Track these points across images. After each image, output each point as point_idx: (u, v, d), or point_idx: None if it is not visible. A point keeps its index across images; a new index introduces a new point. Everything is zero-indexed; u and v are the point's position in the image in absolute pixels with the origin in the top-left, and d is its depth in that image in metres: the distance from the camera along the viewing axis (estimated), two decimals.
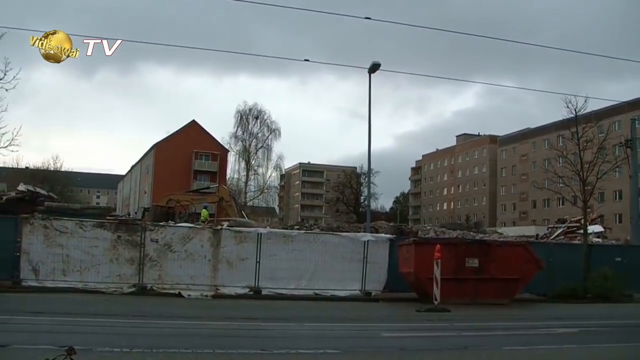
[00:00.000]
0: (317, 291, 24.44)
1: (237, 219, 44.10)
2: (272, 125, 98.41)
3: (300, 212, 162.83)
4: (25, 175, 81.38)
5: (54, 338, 12.23)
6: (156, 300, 21.70)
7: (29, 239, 22.54)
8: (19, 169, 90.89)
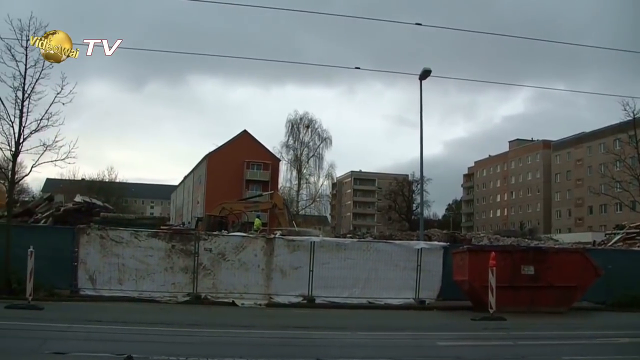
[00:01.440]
0: (371, 299, 24.33)
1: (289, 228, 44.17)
2: (323, 133, 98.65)
3: (352, 221, 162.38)
4: (82, 186, 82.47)
5: (112, 346, 12.39)
6: (210, 309, 21.84)
7: (86, 249, 22.90)
8: (75, 181, 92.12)
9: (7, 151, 22.00)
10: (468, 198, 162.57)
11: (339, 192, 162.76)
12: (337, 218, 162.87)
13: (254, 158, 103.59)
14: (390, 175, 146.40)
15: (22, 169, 26.14)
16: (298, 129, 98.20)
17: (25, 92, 21.54)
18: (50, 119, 21.70)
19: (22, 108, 21.56)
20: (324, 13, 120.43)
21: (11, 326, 14.76)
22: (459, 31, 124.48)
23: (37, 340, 12.72)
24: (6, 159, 23.96)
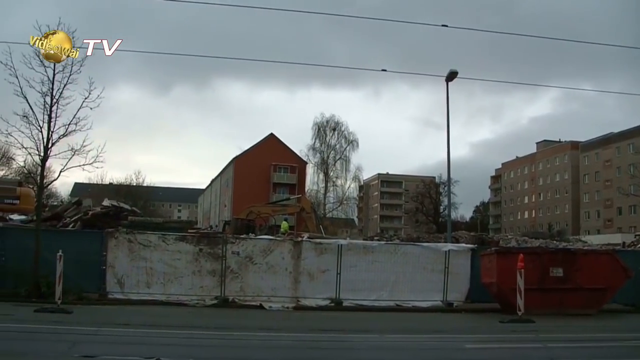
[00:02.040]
0: (398, 302, 24.25)
1: (315, 234, 44.19)
2: (349, 136, 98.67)
3: (379, 223, 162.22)
4: (110, 190, 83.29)
5: (140, 350, 12.46)
6: (238, 312, 21.90)
7: (114, 253, 23.04)
8: (103, 185, 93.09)
9: (36, 156, 22.18)
10: (495, 200, 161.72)
11: (366, 195, 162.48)
12: (364, 221, 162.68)
13: (280, 161, 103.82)
14: (417, 177, 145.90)
15: (51, 174, 26.41)
16: (325, 131, 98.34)
17: (53, 98, 21.70)
18: (78, 124, 21.86)
19: (50, 113, 21.71)
20: (348, 15, 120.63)
21: (41, 329, 14.86)
22: (484, 32, 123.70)
23: (66, 343, 12.82)
24: (35, 164, 24.20)
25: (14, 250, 22.29)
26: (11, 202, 34.76)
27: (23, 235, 23.37)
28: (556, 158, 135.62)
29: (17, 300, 20.32)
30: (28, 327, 15.20)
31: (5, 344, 12.73)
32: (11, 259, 22.09)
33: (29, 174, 31.85)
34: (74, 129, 21.87)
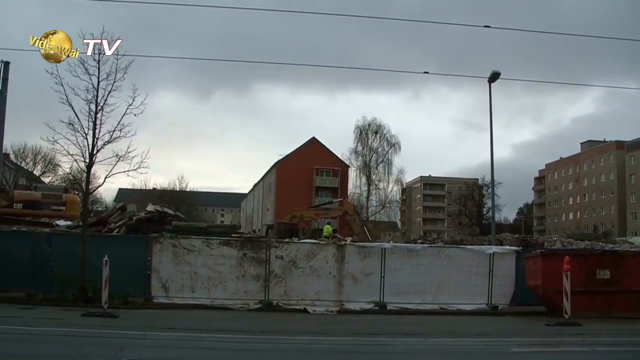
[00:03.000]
0: (443, 305, 24.11)
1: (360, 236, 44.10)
2: (391, 139, 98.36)
3: (422, 226, 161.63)
4: (153, 195, 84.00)
5: (186, 354, 12.54)
6: (282, 316, 21.91)
7: (159, 258, 23.24)
8: (147, 190, 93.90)
9: (82, 163, 22.43)
10: (539, 201, 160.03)
11: (408, 198, 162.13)
12: (407, 224, 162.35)
13: (323, 165, 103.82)
14: (459, 179, 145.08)
15: (96, 180, 26.66)
16: (366, 135, 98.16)
17: (98, 105, 21.94)
18: (122, 130, 22.08)
19: (95, 120, 21.95)
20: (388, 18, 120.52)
21: (88, 333, 15.03)
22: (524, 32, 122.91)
23: (113, 347, 12.91)
24: (80, 170, 24.42)
25: (61, 255, 22.60)
26: (57, 208, 35.29)
27: (69, 241, 23.73)
28: (601, 158, 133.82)
29: (65, 304, 20.60)
30: (76, 331, 15.37)
31: (54, 347, 12.88)
32: (58, 264, 22.39)
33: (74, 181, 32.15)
34: (119, 136, 22.11)
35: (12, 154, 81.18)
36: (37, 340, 13.96)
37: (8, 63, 25.66)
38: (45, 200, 35.74)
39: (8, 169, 67.48)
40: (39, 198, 35.90)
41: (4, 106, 25.76)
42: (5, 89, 25.58)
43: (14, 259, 22.30)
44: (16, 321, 16.63)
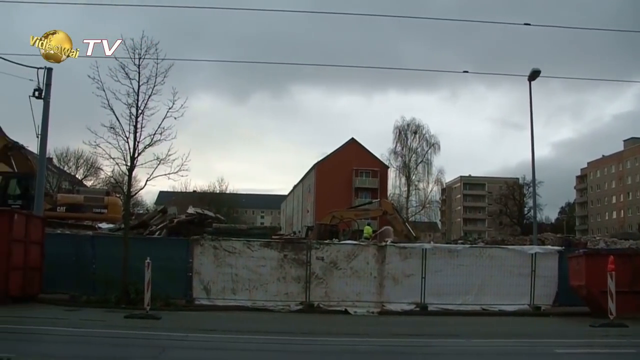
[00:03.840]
0: (485, 306, 23.95)
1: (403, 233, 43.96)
2: (430, 139, 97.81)
3: (462, 226, 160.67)
4: (194, 198, 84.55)
5: (227, 355, 12.62)
6: (323, 317, 21.92)
7: (200, 260, 23.40)
8: (187, 193, 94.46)
9: (123, 166, 22.65)
10: (582, 200, 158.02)
11: (448, 198, 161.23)
12: (447, 224, 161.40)
13: (362, 166, 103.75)
14: (500, 179, 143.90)
15: (137, 183, 26.87)
16: (406, 135, 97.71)
17: (138, 109, 22.16)
18: (162, 134, 22.26)
19: (136, 124, 22.17)
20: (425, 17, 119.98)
21: (131, 335, 15.16)
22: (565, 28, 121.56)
23: (156, 349, 13.02)
24: (122, 174, 24.65)
25: (104, 257, 22.89)
26: (99, 211, 35.75)
27: (112, 243, 24.01)
28: None
29: (107, 306, 20.81)
30: (119, 332, 15.52)
31: (98, 349, 13.01)
32: (101, 266, 22.67)
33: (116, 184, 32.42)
34: (159, 139, 22.32)
35: (55, 158, 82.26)
36: (81, 341, 14.11)
37: (51, 69, 25.95)
38: (88, 203, 36.22)
39: (51, 173, 68.34)
40: (82, 201, 36.39)
41: (47, 111, 26.07)
42: (48, 94, 25.89)
43: (59, 261, 22.60)
44: (61, 322, 16.84)
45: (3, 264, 20.04)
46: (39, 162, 27.84)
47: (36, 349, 12.62)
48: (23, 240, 21.23)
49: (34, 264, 21.85)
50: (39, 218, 23.86)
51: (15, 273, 20.57)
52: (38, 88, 25.61)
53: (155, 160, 22.37)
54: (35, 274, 22.03)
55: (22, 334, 14.78)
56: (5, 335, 14.13)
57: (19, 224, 21.13)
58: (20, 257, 20.87)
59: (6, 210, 22.61)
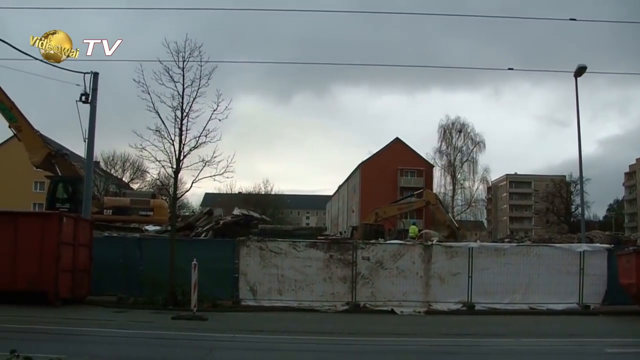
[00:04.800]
0: (532, 305, 23.73)
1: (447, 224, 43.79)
2: (475, 137, 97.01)
3: (509, 225, 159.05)
4: (239, 199, 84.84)
5: (274, 356, 12.66)
6: (369, 317, 21.87)
7: (246, 261, 23.51)
8: (232, 194, 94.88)
9: (169, 168, 22.82)
10: (631, 197, 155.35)
11: (494, 196, 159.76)
12: (494, 222, 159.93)
13: (407, 165, 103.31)
14: (546, 176, 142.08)
15: (182, 185, 27.04)
16: (451, 134, 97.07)
17: (183, 111, 22.30)
18: (207, 136, 22.37)
19: (181, 126, 22.32)
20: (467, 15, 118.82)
21: (178, 336, 15.27)
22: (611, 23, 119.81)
23: (203, 350, 13.11)
24: (168, 176, 24.87)
25: (151, 259, 23.14)
26: (145, 213, 36.03)
27: (158, 245, 24.22)
28: None
29: (155, 307, 20.99)
30: (167, 333, 15.65)
31: (146, 350, 13.12)
32: (148, 268, 22.95)
33: (162, 186, 32.69)
34: (204, 141, 22.42)
35: (102, 161, 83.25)
36: (130, 342, 14.27)
37: (97, 74, 26.31)
38: (134, 206, 36.53)
39: (98, 177, 69.11)
40: (128, 204, 36.72)
41: (94, 116, 26.41)
42: (95, 98, 26.23)
43: (107, 263, 22.86)
44: (110, 324, 17.05)
45: (52, 266, 20.34)
46: (86, 166, 28.21)
47: (86, 349, 12.75)
48: (72, 243, 21.51)
49: (82, 266, 22.13)
50: (87, 221, 24.15)
51: (64, 275, 20.84)
52: (85, 93, 26.00)
53: (201, 162, 22.48)
54: (84, 276, 22.31)
55: (73, 335, 14.96)
56: (56, 337, 14.34)
57: (67, 226, 21.41)
58: (69, 260, 21.14)
59: (55, 214, 22.95)
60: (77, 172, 31.63)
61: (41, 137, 31.37)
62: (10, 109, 29.05)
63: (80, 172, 31.62)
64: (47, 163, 31.19)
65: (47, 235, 20.63)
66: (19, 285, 20.21)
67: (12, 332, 14.08)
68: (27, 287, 20.24)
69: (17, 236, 20.60)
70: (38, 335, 14.20)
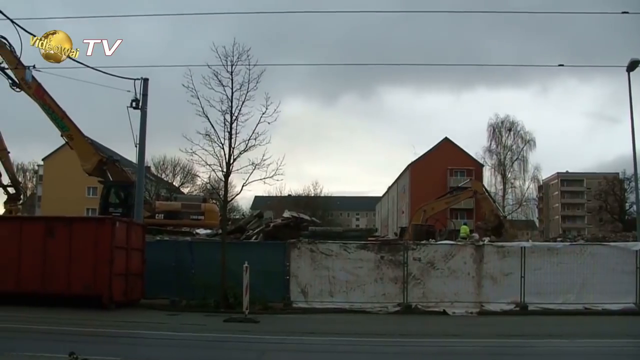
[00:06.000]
0: (587, 305, 23.36)
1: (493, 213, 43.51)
2: (525, 136, 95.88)
3: (561, 224, 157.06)
4: (289, 202, 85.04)
5: (326, 358, 12.64)
6: (421, 318, 21.78)
7: (297, 263, 23.58)
8: (282, 197, 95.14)
9: (219, 172, 22.95)
10: None
11: (545, 195, 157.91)
12: (545, 222, 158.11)
13: (456, 165, 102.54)
14: (598, 174, 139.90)
15: (233, 188, 27.18)
16: (500, 132, 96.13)
17: (232, 115, 22.44)
18: (257, 139, 22.46)
19: (231, 130, 22.47)
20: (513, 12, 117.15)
21: (231, 339, 15.35)
22: None
23: (255, 352, 13.17)
24: (218, 180, 25.03)
25: (202, 263, 23.32)
26: (196, 217, 36.26)
27: (210, 249, 24.47)
28: None
29: (207, 310, 21.14)
30: (219, 336, 15.74)
31: (199, 352, 13.22)
32: (200, 271, 23.09)
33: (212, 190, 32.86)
34: (254, 144, 22.51)
35: (153, 166, 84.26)
36: (183, 345, 14.37)
37: (147, 80, 26.61)
38: (185, 210, 36.80)
39: (149, 181, 69.88)
40: (179, 208, 37.01)
41: (144, 121, 26.69)
42: (145, 104, 26.52)
43: (159, 267, 23.12)
44: (163, 326, 17.23)
45: (106, 270, 20.64)
46: (138, 171, 28.50)
47: (140, 352, 12.89)
48: (125, 247, 21.79)
49: (135, 270, 22.41)
50: (139, 225, 24.41)
51: (118, 279, 21.14)
52: (135, 99, 26.29)
53: (251, 166, 22.60)
54: (137, 280, 22.58)
55: (127, 337, 15.16)
56: (111, 339, 14.54)
57: (120, 231, 21.69)
58: (122, 264, 21.44)
59: (108, 218, 23.20)
60: (129, 178, 31.98)
61: (92, 144, 31.76)
62: (62, 119, 29.45)
63: (132, 177, 31.99)
64: (99, 170, 31.56)
65: (101, 240, 20.96)
66: (74, 289, 20.62)
67: (69, 335, 14.35)
68: (82, 291, 20.62)
69: (71, 241, 20.99)
70: (94, 337, 14.44)
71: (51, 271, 20.87)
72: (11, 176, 32.53)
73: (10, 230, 21.85)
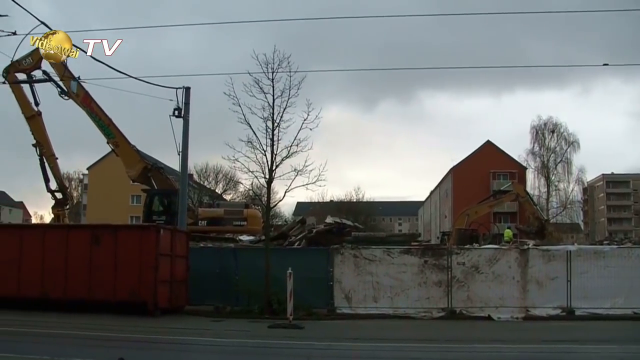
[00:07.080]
0: (636, 310, 22.93)
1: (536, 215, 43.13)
2: (569, 137, 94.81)
3: (607, 226, 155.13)
4: (331, 207, 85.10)
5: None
6: (466, 323, 21.62)
7: (341, 268, 23.54)
8: (324, 203, 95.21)
9: (262, 178, 23.05)
10: None
11: (590, 197, 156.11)
12: (590, 224, 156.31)
13: (499, 168, 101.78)
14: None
15: (275, 194, 27.27)
16: (543, 134, 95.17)
17: (274, 122, 22.53)
18: (299, 145, 22.51)
19: (272, 137, 22.56)
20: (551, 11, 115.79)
21: (276, 345, 15.37)
22: None
23: (300, 358, 13.22)
24: (260, 186, 25.13)
25: (246, 269, 23.42)
26: (239, 224, 36.49)
27: (253, 255, 24.62)
28: None
29: (251, 316, 21.23)
30: (264, 342, 15.79)
31: (244, 358, 13.30)
32: (243, 277, 23.20)
33: (255, 196, 32.99)
34: (296, 150, 22.56)
35: (195, 174, 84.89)
36: (228, 351, 14.44)
37: (189, 88, 26.83)
38: (228, 216, 37.04)
39: (192, 189, 70.39)
40: (222, 215, 37.26)
41: (187, 129, 26.89)
42: (187, 112, 26.74)
43: (203, 274, 23.26)
44: (208, 333, 17.35)
45: (151, 277, 20.82)
46: (181, 178, 28.73)
47: (185, 358, 13.00)
48: (169, 254, 21.96)
49: (180, 277, 22.57)
50: (183, 232, 24.59)
51: (162, 286, 21.31)
52: (177, 107, 26.52)
53: (293, 172, 22.66)
54: (182, 287, 22.73)
55: (172, 344, 15.27)
56: (156, 345, 14.65)
57: (164, 238, 21.86)
58: (166, 271, 21.60)
59: (152, 226, 23.41)
60: (172, 185, 32.25)
61: (137, 151, 32.06)
62: (108, 126, 29.87)
63: (175, 184, 32.24)
64: (144, 177, 31.88)
65: (145, 247, 21.15)
66: (120, 295, 20.83)
67: (115, 341, 14.51)
68: (128, 298, 20.83)
69: (117, 249, 21.23)
70: (140, 344, 14.56)
71: (97, 278, 21.12)
72: (59, 181, 32.87)
73: (58, 239, 22.12)
